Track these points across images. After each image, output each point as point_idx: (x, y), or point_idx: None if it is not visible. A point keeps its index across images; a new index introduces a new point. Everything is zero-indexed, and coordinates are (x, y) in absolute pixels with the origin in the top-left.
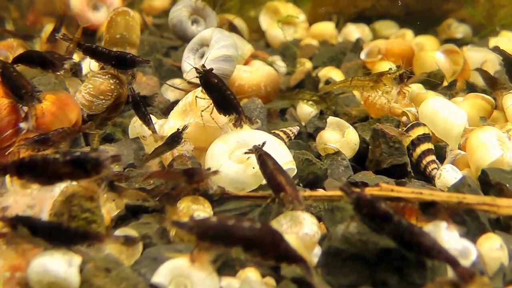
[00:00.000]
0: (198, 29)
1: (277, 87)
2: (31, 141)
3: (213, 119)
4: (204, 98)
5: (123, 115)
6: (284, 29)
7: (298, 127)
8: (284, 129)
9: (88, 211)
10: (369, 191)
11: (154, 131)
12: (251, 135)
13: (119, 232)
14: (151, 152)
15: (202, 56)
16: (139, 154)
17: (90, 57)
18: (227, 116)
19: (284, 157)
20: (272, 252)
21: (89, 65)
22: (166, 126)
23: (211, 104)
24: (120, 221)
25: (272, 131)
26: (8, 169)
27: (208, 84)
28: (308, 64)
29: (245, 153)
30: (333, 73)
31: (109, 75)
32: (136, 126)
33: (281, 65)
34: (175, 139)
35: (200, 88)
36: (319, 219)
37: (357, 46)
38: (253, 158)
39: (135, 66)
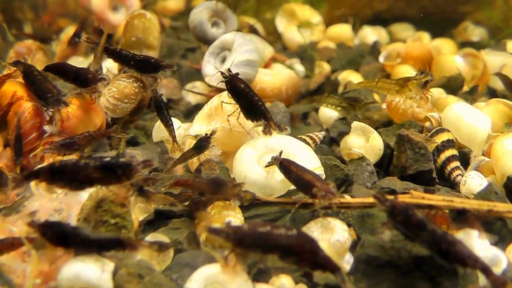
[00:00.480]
0: (218, 31)
1: (298, 91)
2: (57, 145)
3: (239, 124)
4: (230, 103)
5: (144, 118)
6: (301, 31)
7: (323, 132)
8: (310, 134)
9: (118, 216)
10: (400, 198)
11: (174, 138)
12: (279, 140)
13: (150, 237)
14: (179, 156)
15: (223, 60)
16: (163, 157)
17: (114, 60)
18: (254, 122)
19: (313, 163)
20: (308, 260)
21: (106, 66)
22: (192, 130)
23: (237, 108)
24: (148, 225)
25: (299, 136)
26: (38, 174)
27: (234, 90)
28: (327, 67)
29: (266, 166)
30: (352, 77)
31: (133, 79)
32: (160, 129)
33: (299, 68)
34: (204, 143)
35: (226, 92)
36: (348, 225)
37: (375, 49)
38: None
39: (158, 70)
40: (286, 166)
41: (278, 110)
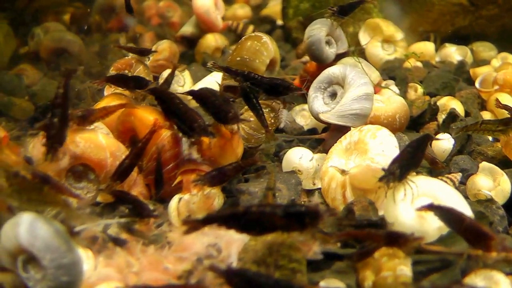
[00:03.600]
0: (331, 51)
1: (408, 119)
2: (208, 176)
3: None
4: None
5: None
6: (384, 47)
7: (460, 174)
8: (449, 176)
9: (296, 261)
10: None
11: (267, 127)
12: (430, 184)
13: (324, 283)
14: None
15: (331, 95)
16: (297, 189)
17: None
18: None
19: (465, 211)
20: None
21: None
22: (331, 163)
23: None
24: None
25: (439, 178)
26: (218, 219)
27: None
28: (420, 90)
29: (421, 209)
30: (453, 104)
31: (269, 108)
32: (290, 159)
33: (395, 89)
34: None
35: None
36: None
37: (462, 70)
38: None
39: (287, 93)
40: (458, 215)
41: (403, 143)
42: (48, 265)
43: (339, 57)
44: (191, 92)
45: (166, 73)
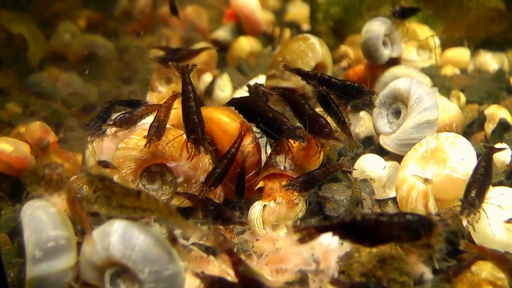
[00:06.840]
0: (385, 52)
1: (463, 127)
2: (299, 181)
3: None
4: None
5: None
6: (420, 54)
7: None
8: None
9: (407, 274)
10: None
11: (350, 136)
12: None
13: None
14: None
15: (395, 112)
16: (372, 198)
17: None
18: None
19: None
20: None
21: None
22: (408, 172)
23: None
24: None
25: None
26: (336, 227)
27: None
28: (463, 98)
29: (508, 222)
30: (502, 113)
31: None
32: (363, 166)
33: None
34: None
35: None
36: None
37: (502, 78)
38: None
39: (360, 97)
40: None
41: None
42: (147, 278)
43: (391, 61)
44: (282, 94)
45: (206, 76)
